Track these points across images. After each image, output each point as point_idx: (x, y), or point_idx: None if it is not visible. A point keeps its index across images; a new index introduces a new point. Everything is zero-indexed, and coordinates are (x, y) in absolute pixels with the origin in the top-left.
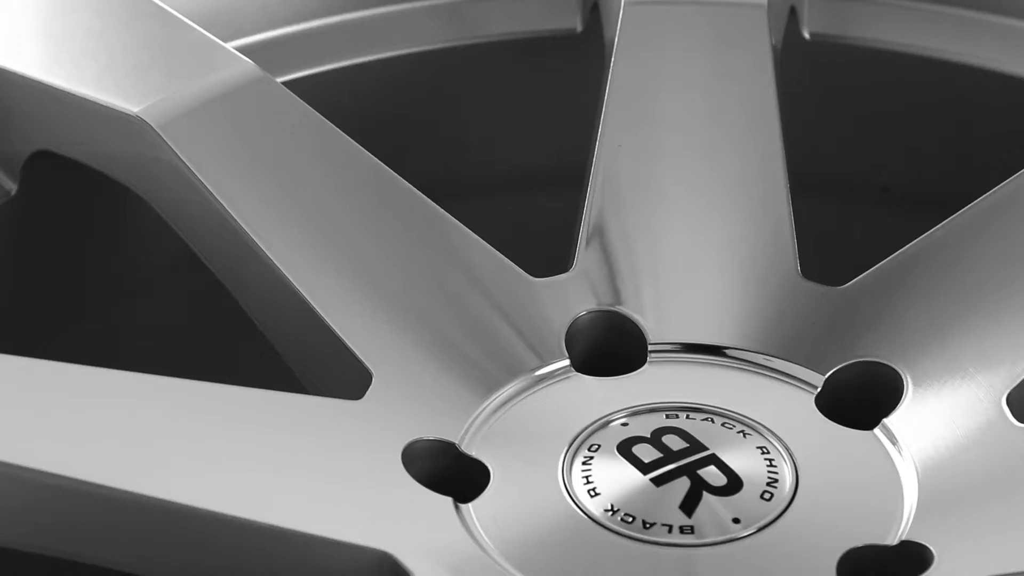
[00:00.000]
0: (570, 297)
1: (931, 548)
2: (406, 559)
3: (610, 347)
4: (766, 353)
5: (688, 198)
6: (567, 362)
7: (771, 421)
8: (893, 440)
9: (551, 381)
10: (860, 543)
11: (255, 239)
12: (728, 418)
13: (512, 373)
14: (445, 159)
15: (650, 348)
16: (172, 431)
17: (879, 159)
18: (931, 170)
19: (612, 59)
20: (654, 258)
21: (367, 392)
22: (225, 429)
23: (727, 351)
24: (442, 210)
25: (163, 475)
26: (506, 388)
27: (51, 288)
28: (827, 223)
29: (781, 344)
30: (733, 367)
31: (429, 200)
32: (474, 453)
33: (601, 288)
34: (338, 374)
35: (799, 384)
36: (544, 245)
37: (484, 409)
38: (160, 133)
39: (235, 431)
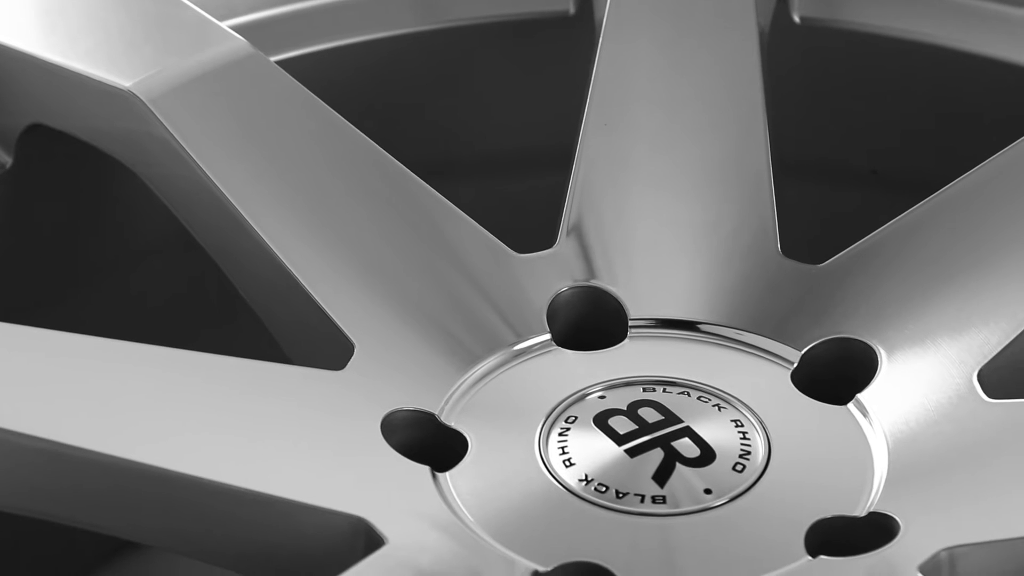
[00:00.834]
0: (552, 273)
1: (897, 519)
2: (380, 524)
3: (591, 322)
4: (744, 329)
5: (672, 177)
6: (548, 336)
7: (746, 395)
8: (866, 415)
9: (531, 355)
10: (828, 514)
11: (243, 213)
12: (704, 392)
13: (493, 347)
14: (438, 141)
15: (630, 323)
16: (152, 396)
17: (868, 143)
18: (920, 154)
19: (600, 39)
20: (636, 236)
21: (349, 363)
22: (205, 395)
23: (706, 327)
24: (429, 187)
25: (142, 439)
26: (487, 361)
27: (45, 260)
28: (816, 206)
29: (759, 320)
30: (711, 343)
31: (416, 177)
32: (453, 424)
33: (583, 264)
34: (322, 346)
35: (776, 360)
36: (536, 225)
37: (464, 381)
38: (151, 108)
39: (215, 398)
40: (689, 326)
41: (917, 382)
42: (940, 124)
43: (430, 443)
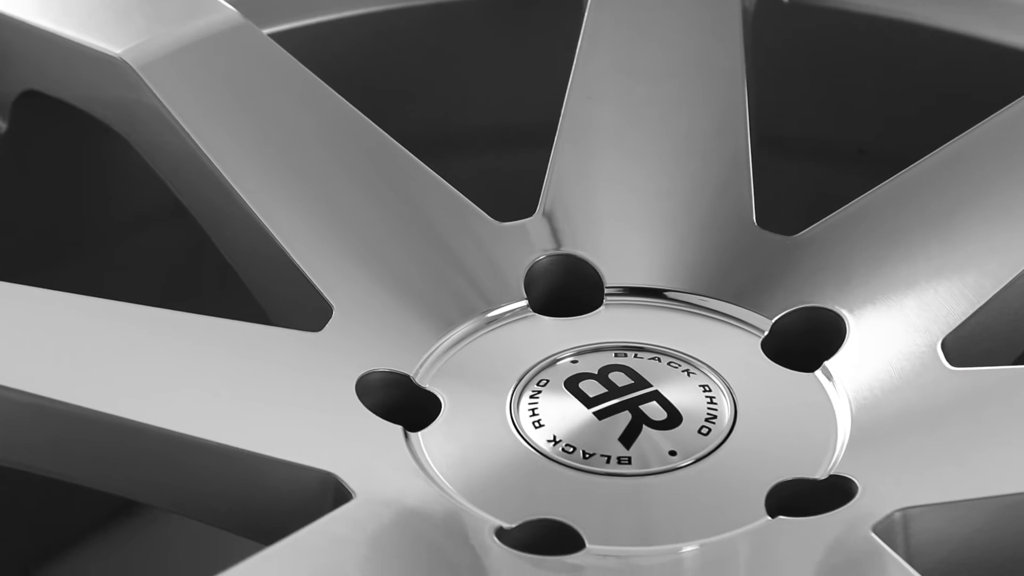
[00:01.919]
0: (532, 241)
1: (856, 481)
2: (349, 479)
3: (568, 289)
4: (717, 298)
5: (652, 148)
6: (525, 303)
7: (716, 362)
8: (832, 381)
9: (508, 320)
10: (790, 476)
11: (228, 179)
12: (674, 358)
13: (470, 312)
14: (431, 115)
15: (606, 291)
16: (129, 352)
17: (856, 122)
18: (907, 133)
19: (586, 14)
20: (615, 205)
21: (326, 325)
22: (182, 352)
23: (680, 295)
24: (413, 157)
25: (117, 393)
26: (463, 326)
27: (40, 226)
28: (804, 184)
29: (732, 289)
30: (685, 310)
31: (401, 147)
32: (427, 385)
33: (562, 233)
34: (302, 309)
35: (747, 328)
36: (526, 198)
37: (440, 345)
38: (141, 75)
39: (192, 355)
40: (664, 294)
41: (883, 350)
42: (928, 104)
43: (405, 404)
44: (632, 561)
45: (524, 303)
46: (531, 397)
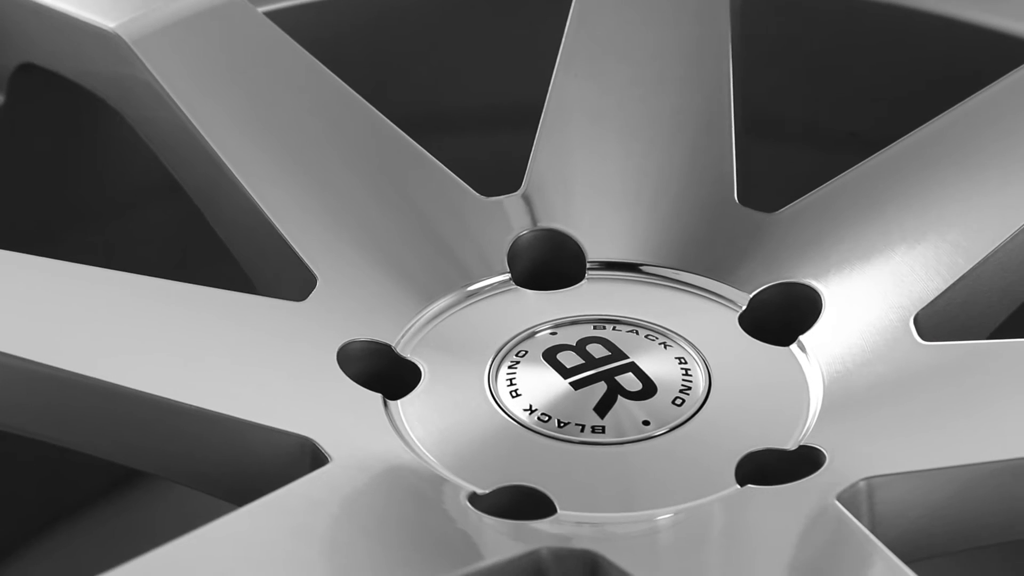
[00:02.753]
0: (516, 216)
1: (824, 451)
2: (326, 444)
3: (551, 263)
4: (697, 273)
5: (636, 127)
6: (508, 276)
7: (693, 335)
8: (806, 355)
9: (491, 293)
10: (760, 447)
11: (219, 153)
12: (652, 331)
13: (454, 285)
14: (427, 94)
15: (588, 265)
16: (115, 317)
17: (847, 105)
18: (898, 116)
19: None
20: (599, 182)
21: (310, 295)
22: (168, 319)
23: (661, 270)
24: (402, 133)
25: (102, 357)
26: (446, 298)
27: (37, 199)
28: (796, 167)
29: (712, 265)
30: (665, 285)
31: (390, 123)
32: (408, 355)
33: (546, 208)
34: (288, 281)
35: (725, 302)
36: (514, 176)
37: (422, 316)
38: (134, 49)
39: (177, 321)
40: (644, 269)
41: (857, 325)
42: (918, 88)
43: (385, 373)
44: (601, 527)
45: (507, 276)
46: (510, 367)
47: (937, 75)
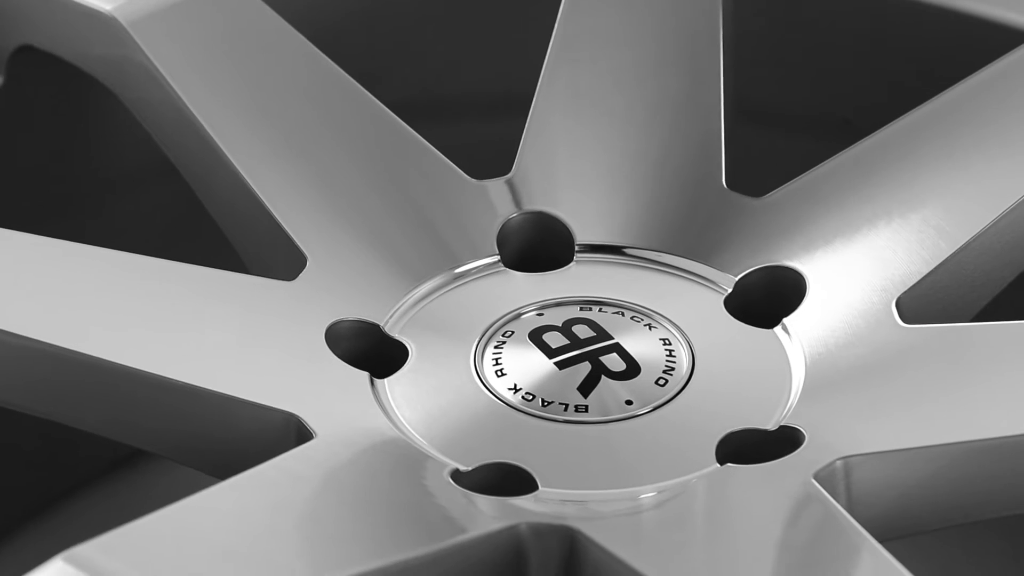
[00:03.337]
0: (506, 198)
1: (803, 431)
2: (311, 420)
3: (540, 246)
4: (684, 256)
5: (627, 112)
6: (497, 258)
7: (678, 317)
8: (790, 337)
9: (480, 275)
10: (741, 427)
11: (213, 135)
12: (638, 312)
13: (443, 266)
14: (425, 81)
15: (576, 248)
16: (106, 294)
17: (841, 92)
18: (891, 104)
19: None
20: (589, 166)
21: (300, 275)
22: (157, 296)
23: (649, 253)
24: (394, 116)
25: (92, 333)
26: (435, 279)
27: (35, 180)
28: (791, 154)
29: (699, 248)
30: (652, 268)
31: (383, 106)
32: (396, 335)
33: (536, 191)
34: (280, 261)
35: (711, 285)
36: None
37: (411, 297)
38: (130, 31)
39: (166, 299)
40: (632, 252)
41: (840, 308)
42: (913, 75)
43: (373, 353)
44: (580, 503)
45: (496, 258)
46: (496, 347)
47: (932, 63)
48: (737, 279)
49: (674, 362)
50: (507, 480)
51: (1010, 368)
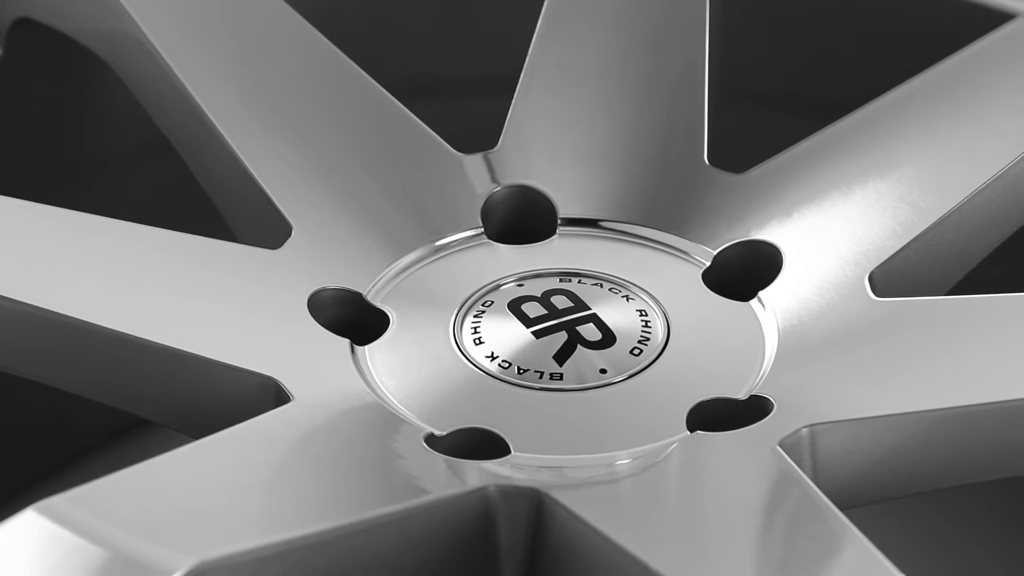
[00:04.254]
0: (491, 172)
1: (773, 400)
2: (289, 384)
3: (523, 219)
4: (664, 230)
5: (612, 89)
6: (481, 230)
7: (657, 289)
8: (765, 310)
9: (463, 247)
10: (712, 396)
11: (203, 107)
12: (616, 284)
13: (427, 237)
14: (423, 61)
15: (559, 221)
16: (90, 258)
17: (833, 75)
18: (884, 87)
19: None
20: (573, 141)
21: (285, 243)
22: (142, 261)
23: (630, 227)
24: (383, 90)
25: (75, 295)
26: (419, 250)
27: (33, 152)
28: (784, 136)
29: (679, 222)
30: (633, 241)
31: (373, 81)
32: (378, 304)
33: (521, 165)
34: (266, 230)
35: (690, 259)
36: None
37: (395, 267)
38: (124, 4)
39: (152, 264)
40: (614, 226)
41: (814, 281)
42: (905, 58)
43: (356, 321)
44: (549, 468)
45: (480, 230)
46: (475, 317)
47: (926, 46)
48: (716, 253)
49: (649, 333)
50: (480, 445)
51: (975, 339)
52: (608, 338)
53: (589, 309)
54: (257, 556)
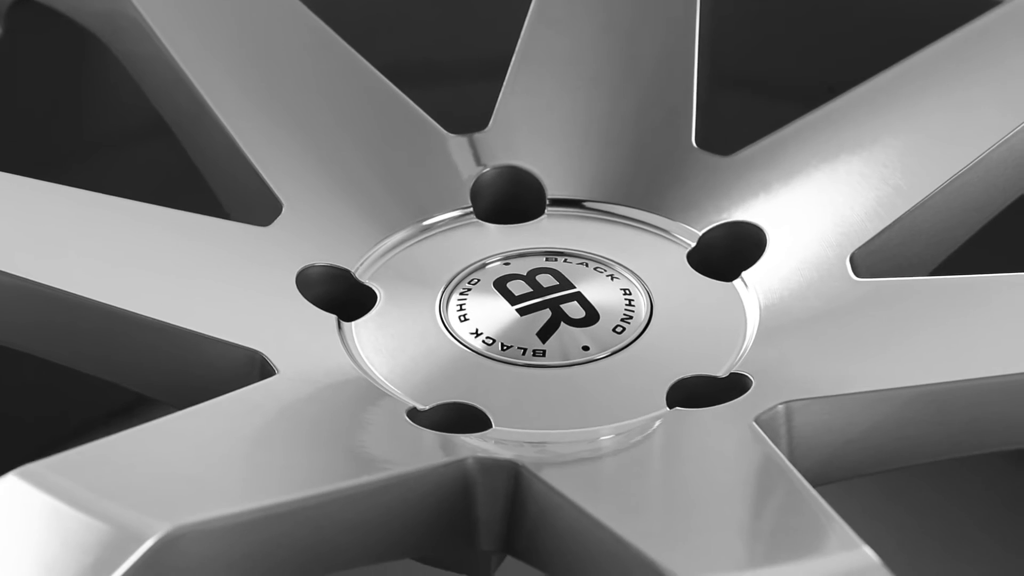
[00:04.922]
0: (481, 152)
1: (751, 378)
2: (275, 357)
3: (512, 199)
4: (651, 211)
5: (602, 72)
6: (470, 210)
7: (642, 269)
8: (748, 290)
9: (452, 226)
10: (692, 373)
11: (197, 86)
12: (601, 263)
13: (416, 216)
14: (419, 45)
15: (548, 201)
16: (82, 232)
17: (824, 60)
18: (872, 72)
19: None
20: (562, 123)
21: (275, 221)
22: (133, 236)
23: (617, 208)
24: (376, 72)
25: (67, 269)
26: (407, 228)
27: (32, 133)
28: (777, 121)
29: (666, 203)
30: (620, 222)
31: (366, 62)
32: (366, 281)
33: (510, 146)
34: (257, 208)
35: (676, 239)
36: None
37: (383, 245)
38: None
39: (142, 239)
40: (602, 207)
41: (796, 262)
42: (895, 43)
43: (344, 298)
44: (528, 442)
45: (469, 210)
46: (461, 294)
47: (912, 31)
48: (701, 234)
49: (633, 311)
50: (462, 419)
51: (952, 318)
52: (591, 316)
53: (573, 288)
54: (234, 522)
